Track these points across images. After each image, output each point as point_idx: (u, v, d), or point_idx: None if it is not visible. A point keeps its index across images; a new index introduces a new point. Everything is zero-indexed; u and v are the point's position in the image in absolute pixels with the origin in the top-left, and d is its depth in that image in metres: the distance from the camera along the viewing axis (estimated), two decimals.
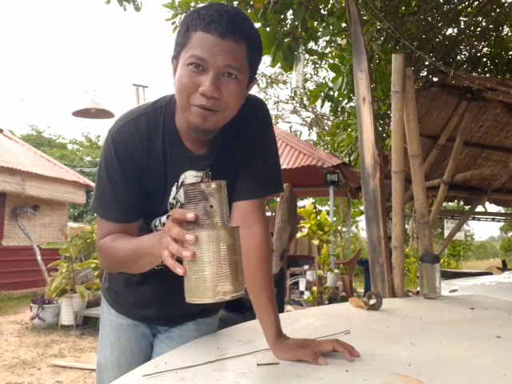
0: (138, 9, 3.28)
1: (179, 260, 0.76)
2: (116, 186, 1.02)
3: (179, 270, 0.75)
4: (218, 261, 0.74)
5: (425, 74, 3.90)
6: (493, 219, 6.69)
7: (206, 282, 0.74)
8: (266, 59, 3.08)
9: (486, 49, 4.43)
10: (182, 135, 1.05)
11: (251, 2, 2.94)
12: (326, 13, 3.31)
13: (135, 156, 1.02)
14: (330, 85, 3.91)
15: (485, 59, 4.30)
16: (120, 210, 1.03)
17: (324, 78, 9.84)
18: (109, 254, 1.03)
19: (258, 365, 0.93)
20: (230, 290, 0.75)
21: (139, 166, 1.03)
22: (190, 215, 0.74)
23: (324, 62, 8.46)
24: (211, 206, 0.76)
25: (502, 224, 22.59)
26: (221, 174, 1.10)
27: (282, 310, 3.55)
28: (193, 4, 3.10)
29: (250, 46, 0.92)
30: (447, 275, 5.67)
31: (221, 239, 0.74)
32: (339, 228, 13.00)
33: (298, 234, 6.13)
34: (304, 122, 14.83)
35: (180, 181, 1.08)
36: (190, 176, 1.08)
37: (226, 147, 1.07)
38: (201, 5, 3.08)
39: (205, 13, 0.89)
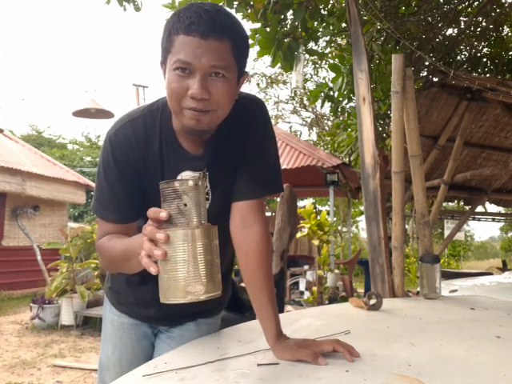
0: (137, 9, 3.28)
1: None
2: (114, 188, 1.03)
3: (152, 270, 0.75)
4: (189, 260, 0.72)
5: (425, 74, 3.90)
6: (493, 219, 6.69)
7: (177, 282, 0.73)
8: (266, 59, 3.08)
9: (486, 49, 4.43)
10: (179, 136, 1.05)
11: (251, 2, 2.94)
12: (326, 13, 3.31)
13: (132, 157, 1.02)
14: (330, 85, 3.90)
15: (485, 59, 4.30)
16: (118, 210, 1.04)
17: (324, 78, 9.84)
18: (105, 253, 1.05)
19: (258, 365, 0.93)
20: (201, 291, 0.73)
21: (136, 167, 1.03)
22: (163, 214, 0.74)
23: (324, 62, 8.47)
24: (185, 205, 0.75)
25: (502, 224, 22.60)
26: (218, 174, 1.10)
27: (282, 310, 3.55)
28: None
29: (234, 42, 0.91)
30: (447, 275, 5.67)
31: (193, 238, 0.73)
32: (339, 228, 12.99)
33: (298, 234, 6.13)
34: (304, 122, 14.84)
35: None
36: (186, 176, 1.08)
37: (222, 147, 1.07)
38: None
39: (184, 15, 0.88)
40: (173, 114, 1.01)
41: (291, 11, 2.99)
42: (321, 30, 3.38)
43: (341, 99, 3.89)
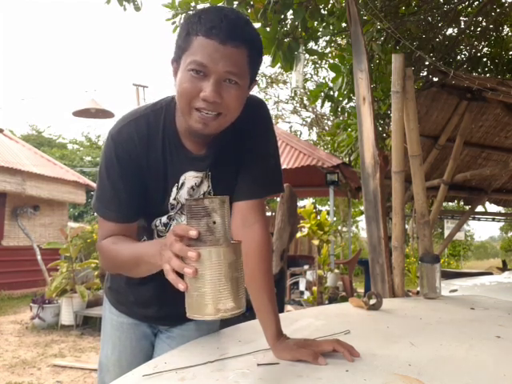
0: (137, 9, 3.28)
1: (180, 274, 0.75)
2: (116, 186, 1.02)
3: (181, 286, 0.74)
4: (219, 278, 0.73)
5: (425, 74, 3.90)
6: (493, 219, 6.69)
7: (208, 300, 0.73)
8: (266, 59, 3.08)
9: (486, 49, 4.43)
10: (182, 136, 1.05)
11: (251, 2, 2.94)
12: (326, 13, 3.31)
13: (134, 155, 1.02)
14: (330, 85, 3.90)
15: (485, 59, 4.30)
16: (120, 209, 1.03)
17: (324, 78, 9.84)
18: (109, 257, 1.04)
19: (258, 365, 0.93)
20: (231, 308, 0.74)
21: (138, 164, 1.03)
22: (193, 233, 0.73)
23: (324, 61, 8.47)
24: (214, 222, 0.74)
25: (502, 224, 22.60)
26: (220, 175, 1.11)
27: (282, 310, 3.55)
28: (193, 4, 3.09)
29: (250, 50, 0.92)
30: (447, 275, 5.67)
31: (223, 257, 0.73)
32: (339, 228, 13.00)
33: (298, 234, 6.13)
34: (304, 122, 14.84)
35: (180, 182, 1.08)
36: (190, 177, 1.08)
37: (225, 148, 1.07)
38: (201, 5, 3.08)
39: (206, 17, 0.89)
40: (179, 114, 1.01)
41: (291, 11, 2.98)
42: (321, 29, 3.38)
43: (341, 99, 3.89)
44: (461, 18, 4.16)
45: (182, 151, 1.06)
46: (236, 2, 2.93)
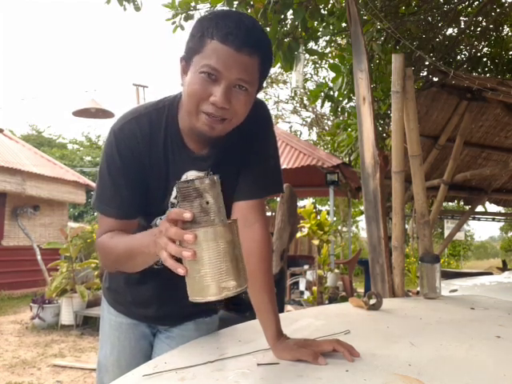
0: (137, 9, 3.28)
1: (179, 259, 0.75)
2: (117, 182, 1.02)
3: (180, 271, 0.74)
4: (218, 257, 0.73)
5: (425, 74, 3.90)
6: (493, 219, 6.69)
7: (210, 280, 0.73)
8: None
9: (486, 49, 4.43)
10: (184, 135, 1.05)
11: (251, 2, 2.94)
12: (326, 13, 3.31)
13: (136, 152, 1.02)
14: (330, 85, 3.91)
15: (485, 59, 4.30)
16: (120, 206, 1.03)
17: (324, 78, 9.84)
18: (106, 252, 1.04)
19: (258, 365, 0.93)
20: (234, 286, 0.74)
21: (140, 162, 1.03)
22: (187, 215, 0.73)
23: (324, 61, 8.46)
24: (207, 203, 0.74)
25: (502, 224, 22.60)
26: (222, 175, 1.10)
27: (282, 310, 3.55)
28: (193, 4, 3.10)
29: (262, 59, 0.93)
30: (447, 275, 5.67)
31: (220, 236, 0.73)
32: (339, 228, 13.00)
33: (298, 234, 6.13)
34: (304, 122, 14.84)
35: None
36: (191, 176, 1.08)
37: (227, 148, 1.08)
38: (201, 5, 3.08)
39: (222, 22, 0.89)
40: (183, 113, 1.01)
41: (291, 11, 2.99)
42: (321, 29, 3.38)
43: (341, 99, 3.89)
44: (461, 18, 4.16)
45: (184, 150, 1.06)
46: (236, 2, 2.93)
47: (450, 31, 4.27)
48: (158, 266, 1.19)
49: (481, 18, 4.18)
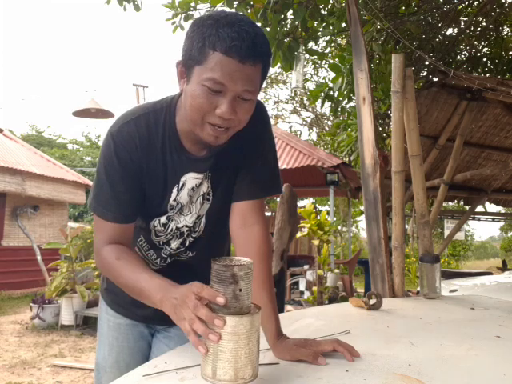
0: (137, 9, 3.28)
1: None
2: (115, 186, 1.02)
3: (202, 350, 0.74)
4: (242, 347, 0.73)
5: (425, 74, 3.91)
6: (493, 219, 6.69)
7: (228, 367, 0.73)
8: None
9: (486, 49, 4.44)
10: (183, 138, 1.05)
11: (251, 2, 2.94)
12: (326, 13, 3.31)
13: (135, 156, 1.02)
14: (330, 85, 3.91)
15: (485, 59, 4.30)
16: (118, 209, 1.03)
17: (324, 78, 9.85)
18: (110, 271, 1.02)
19: (258, 365, 0.93)
20: (249, 375, 0.74)
21: (139, 165, 1.03)
22: (221, 300, 0.73)
23: (324, 61, 8.47)
24: (240, 290, 0.74)
25: (502, 224, 22.57)
26: (220, 175, 1.11)
27: (282, 310, 3.55)
28: (193, 4, 3.10)
29: (264, 66, 0.93)
30: (447, 275, 5.67)
31: (247, 325, 0.73)
32: (339, 228, 13.00)
33: (298, 234, 6.12)
34: (304, 122, 14.83)
35: (181, 183, 1.08)
36: (190, 178, 1.08)
37: (225, 149, 1.07)
38: (200, 5, 3.08)
39: (224, 32, 0.86)
40: (180, 116, 1.02)
41: (291, 11, 2.99)
42: (321, 29, 3.38)
43: (341, 99, 3.89)
44: (461, 18, 4.17)
45: (182, 153, 1.06)
46: (236, 2, 2.93)
47: (449, 31, 4.27)
48: (157, 267, 1.19)
49: (481, 18, 4.18)
